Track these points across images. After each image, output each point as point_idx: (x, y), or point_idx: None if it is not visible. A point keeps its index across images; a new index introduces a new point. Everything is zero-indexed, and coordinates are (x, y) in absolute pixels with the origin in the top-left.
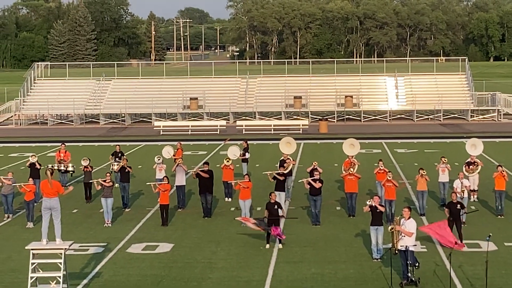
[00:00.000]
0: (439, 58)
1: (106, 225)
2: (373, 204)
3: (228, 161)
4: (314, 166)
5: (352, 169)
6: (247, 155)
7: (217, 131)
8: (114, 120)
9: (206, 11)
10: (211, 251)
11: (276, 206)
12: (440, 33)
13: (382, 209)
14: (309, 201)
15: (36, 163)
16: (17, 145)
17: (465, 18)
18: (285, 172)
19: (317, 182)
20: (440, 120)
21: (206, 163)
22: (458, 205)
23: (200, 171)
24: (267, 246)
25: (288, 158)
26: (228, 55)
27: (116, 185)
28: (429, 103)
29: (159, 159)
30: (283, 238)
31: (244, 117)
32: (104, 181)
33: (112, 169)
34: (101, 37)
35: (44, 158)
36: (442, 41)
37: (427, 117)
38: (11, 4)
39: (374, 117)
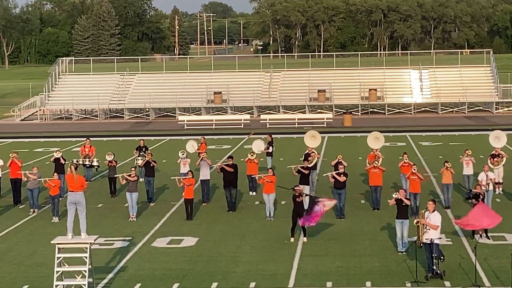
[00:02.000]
0: (463, 50)
1: (131, 220)
2: (399, 197)
3: (252, 155)
4: (339, 159)
5: (376, 162)
6: (271, 149)
7: (241, 125)
8: (138, 115)
9: (229, 5)
10: (236, 245)
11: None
12: (464, 25)
13: (408, 202)
14: (333, 194)
15: (61, 158)
16: (42, 140)
17: (489, 10)
18: (310, 165)
19: (342, 175)
20: (465, 113)
21: (230, 157)
22: (481, 196)
23: (225, 165)
24: (292, 239)
25: (312, 152)
26: (251, 49)
27: (141, 179)
28: (453, 96)
29: (183, 154)
30: (312, 224)
31: (268, 111)
32: (129, 175)
33: (136, 163)
34: (125, 32)
35: (68, 153)
36: (466, 34)
37: (451, 109)
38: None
39: (398, 110)
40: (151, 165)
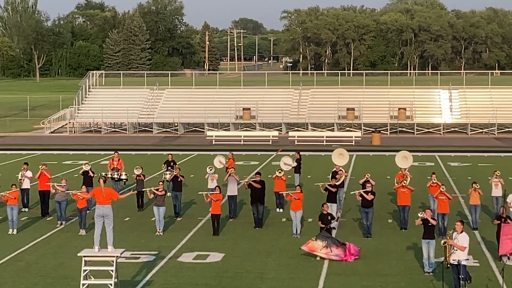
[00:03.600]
0: (494, 71)
1: (157, 234)
2: (425, 217)
3: (280, 172)
4: (367, 178)
5: (405, 182)
6: (299, 166)
7: (269, 141)
8: (167, 129)
9: (260, 22)
10: (262, 262)
11: (329, 217)
12: (495, 46)
13: (434, 222)
14: (360, 213)
15: (89, 171)
16: (71, 152)
17: None
18: (337, 183)
19: (369, 194)
20: (495, 134)
21: (258, 173)
22: (508, 219)
23: (252, 181)
24: (318, 258)
25: (340, 170)
26: (281, 66)
27: (169, 194)
28: (483, 117)
29: (211, 169)
30: (357, 251)
31: (296, 128)
32: (157, 189)
33: (164, 178)
34: (155, 46)
35: (97, 166)
36: (497, 54)
37: (481, 130)
38: (68, 13)
39: (427, 130)
40: (179, 179)
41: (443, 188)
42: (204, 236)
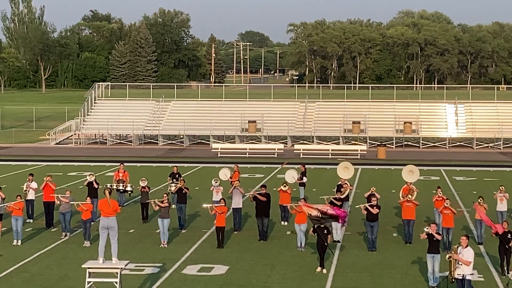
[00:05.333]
0: (500, 86)
1: (162, 246)
2: (430, 232)
3: (285, 186)
4: (372, 191)
5: (410, 196)
6: (305, 179)
7: (274, 154)
8: (173, 141)
9: (266, 35)
10: (266, 275)
11: (325, 231)
12: (501, 60)
13: (439, 237)
14: (365, 226)
15: (94, 182)
16: (76, 164)
17: None
18: (342, 197)
19: (374, 208)
20: (500, 149)
21: (263, 186)
22: (509, 235)
23: (258, 194)
24: (324, 271)
25: (345, 183)
26: (287, 79)
27: (173, 206)
28: (489, 131)
29: (216, 182)
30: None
31: (302, 141)
32: (162, 201)
33: (169, 190)
34: (161, 58)
35: (102, 177)
36: (503, 69)
37: (487, 145)
38: (74, 24)
39: (433, 144)
40: (184, 192)
41: (447, 203)
42: (208, 248)
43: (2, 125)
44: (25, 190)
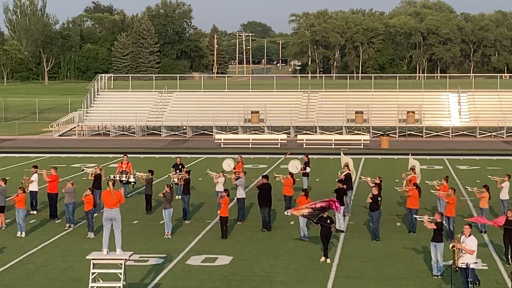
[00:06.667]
0: (503, 74)
1: (166, 237)
2: (437, 221)
3: (279, 178)
4: (378, 180)
5: (411, 187)
6: (308, 170)
7: (277, 145)
8: (176, 133)
9: (268, 25)
10: (270, 265)
11: (328, 220)
12: (504, 49)
13: (430, 226)
14: (368, 216)
15: (102, 175)
16: (79, 155)
17: None
18: (342, 178)
19: (372, 197)
20: (503, 137)
21: (264, 176)
22: None
23: (261, 183)
24: (328, 260)
25: (348, 171)
26: (290, 69)
27: (177, 197)
28: (492, 120)
29: (212, 173)
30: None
31: (305, 131)
32: (165, 191)
33: (172, 181)
34: (164, 49)
35: (105, 169)
36: (506, 58)
37: (490, 134)
38: (76, 16)
39: (436, 133)
40: (184, 178)
41: (450, 193)
42: (212, 239)
43: (5, 117)
44: (28, 179)
